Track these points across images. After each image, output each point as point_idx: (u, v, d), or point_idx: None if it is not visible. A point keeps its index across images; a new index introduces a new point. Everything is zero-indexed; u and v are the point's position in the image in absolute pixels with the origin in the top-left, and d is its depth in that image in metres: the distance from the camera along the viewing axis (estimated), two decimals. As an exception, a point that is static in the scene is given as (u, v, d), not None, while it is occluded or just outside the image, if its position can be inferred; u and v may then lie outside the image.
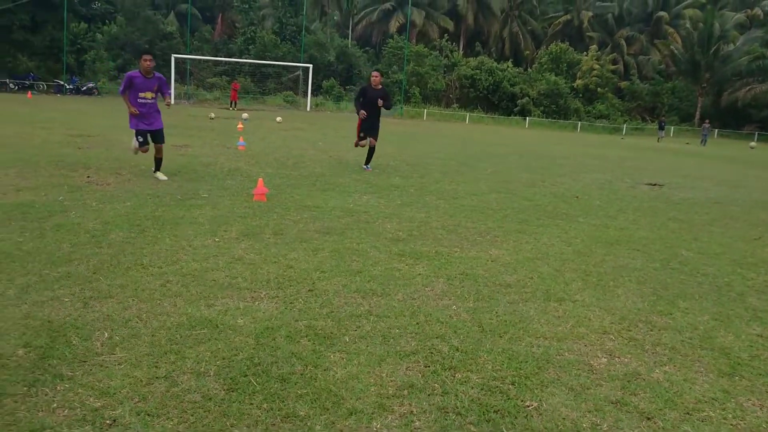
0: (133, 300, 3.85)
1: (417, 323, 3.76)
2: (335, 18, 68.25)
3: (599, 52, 57.16)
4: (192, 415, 2.59)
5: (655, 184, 12.35)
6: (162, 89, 8.49)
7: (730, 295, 4.82)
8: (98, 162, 9.92)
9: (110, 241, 5.17)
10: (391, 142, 19.50)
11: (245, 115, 26.03)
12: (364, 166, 11.29)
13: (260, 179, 7.82)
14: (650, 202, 9.77)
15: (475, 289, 4.50)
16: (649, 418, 2.82)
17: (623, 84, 58.20)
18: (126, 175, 8.86)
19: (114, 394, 2.72)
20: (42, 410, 2.56)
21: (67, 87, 40.98)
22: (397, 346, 3.42)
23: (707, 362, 3.50)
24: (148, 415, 2.58)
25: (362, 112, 10.62)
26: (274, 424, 2.57)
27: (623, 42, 62.26)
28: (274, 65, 47.25)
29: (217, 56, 50.20)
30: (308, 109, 42.54)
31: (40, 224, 5.64)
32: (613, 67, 56.67)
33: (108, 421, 2.51)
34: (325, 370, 3.07)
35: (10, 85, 40.40)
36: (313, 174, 10.30)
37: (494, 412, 2.77)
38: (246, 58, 48.78)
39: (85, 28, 47.75)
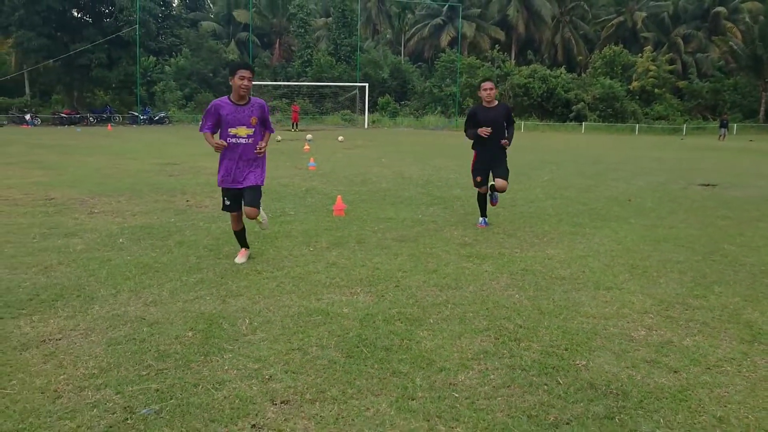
0: (259, 296, 4.85)
1: (486, 308, 4.61)
2: (387, 36, 69.83)
3: (654, 53, 56.50)
4: (324, 373, 3.53)
5: (708, 185, 12.75)
6: (264, 121, 5.79)
7: (764, 281, 5.46)
8: (191, 187, 11.19)
9: (226, 253, 6.24)
10: (449, 155, 20.40)
11: (309, 135, 27.47)
12: (480, 221, 7.90)
13: (339, 196, 8.85)
14: (702, 202, 10.27)
15: (535, 282, 5.31)
16: (675, 372, 3.58)
17: (681, 83, 57.17)
18: (218, 198, 10.00)
19: (264, 360, 3.69)
20: (218, 370, 3.54)
21: (141, 118, 43.78)
22: (472, 325, 4.28)
23: (732, 333, 4.21)
24: (293, 372, 3.53)
25: (483, 129, 7.26)
26: (384, 378, 3.47)
27: (680, 40, 61.26)
28: (330, 86, 48.97)
29: (276, 80, 52.46)
30: (366, 126, 43.91)
31: (164, 242, 6.78)
32: (670, 67, 55.83)
33: (266, 377, 3.47)
34: (417, 342, 3.96)
35: (90, 118, 43.51)
36: (381, 189, 11.27)
37: (551, 368, 3.60)
38: (303, 80, 50.81)
39: (154, 61, 50.90)
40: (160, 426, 2.91)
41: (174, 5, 62.94)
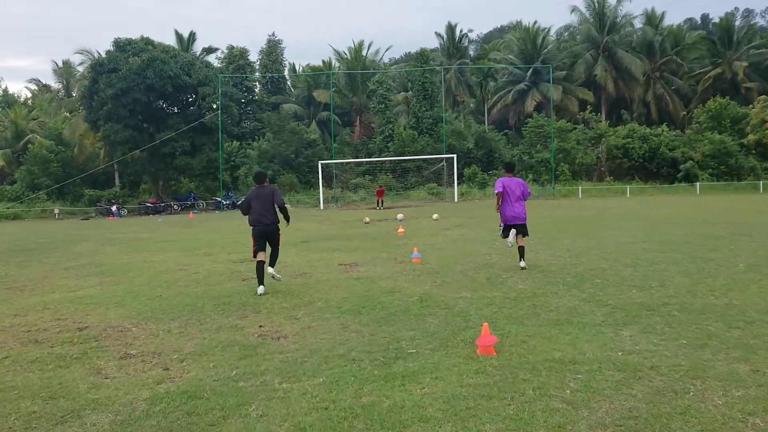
0: None
1: None
2: (471, 105, 68.13)
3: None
4: None
5: None
6: None
7: None
8: (268, 301, 8.46)
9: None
10: (575, 231, 16.90)
11: (400, 215, 24.71)
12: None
13: (485, 324, 5.68)
14: None
15: None
16: None
17: (803, 133, 51.31)
18: (303, 319, 7.22)
19: None
20: None
21: (224, 203, 42.91)
22: None
23: None
24: None
25: None
26: None
27: (790, 87, 55.75)
28: (415, 159, 46.94)
29: (358, 157, 51.05)
30: (456, 199, 41.12)
31: (213, 437, 3.90)
32: (787, 116, 50.35)
33: None
34: None
35: (175, 206, 43.09)
36: (521, 294, 8.12)
37: None
38: (386, 156, 49.04)
39: (237, 145, 50.76)
40: None
41: (256, 91, 63.94)
